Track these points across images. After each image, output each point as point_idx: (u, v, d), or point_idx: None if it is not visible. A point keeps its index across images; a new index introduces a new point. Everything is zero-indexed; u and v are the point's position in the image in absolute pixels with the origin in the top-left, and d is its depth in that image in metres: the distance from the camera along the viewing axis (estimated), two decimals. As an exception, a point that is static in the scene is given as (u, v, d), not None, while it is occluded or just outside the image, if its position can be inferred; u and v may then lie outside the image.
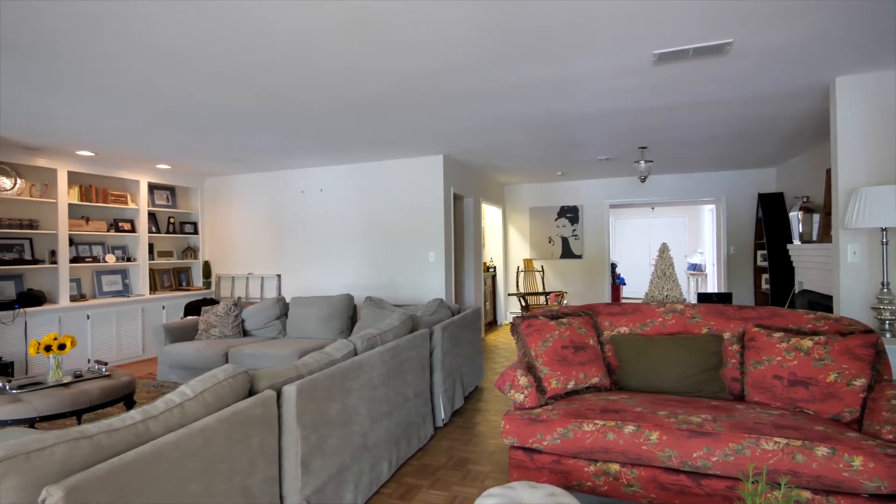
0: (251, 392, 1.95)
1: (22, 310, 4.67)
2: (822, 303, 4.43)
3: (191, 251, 6.88)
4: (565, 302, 7.84)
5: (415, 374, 3.07)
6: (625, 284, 10.21)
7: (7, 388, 2.90)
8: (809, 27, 2.45)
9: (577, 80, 3.15)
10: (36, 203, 5.16)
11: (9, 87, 3.06)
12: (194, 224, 6.87)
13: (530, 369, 2.59)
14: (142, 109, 3.60)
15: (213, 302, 6.16)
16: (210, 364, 4.34)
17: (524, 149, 5.29)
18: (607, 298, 7.75)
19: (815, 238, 4.81)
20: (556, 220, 8.03)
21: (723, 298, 5.02)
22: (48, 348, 3.01)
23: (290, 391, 1.97)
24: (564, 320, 2.78)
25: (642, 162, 5.42)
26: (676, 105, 3.73)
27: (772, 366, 2.40)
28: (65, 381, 3.04)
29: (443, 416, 3.43)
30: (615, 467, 2.17)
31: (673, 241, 11.14)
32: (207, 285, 6.79)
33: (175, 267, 6.73)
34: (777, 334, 2.47)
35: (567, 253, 7.99)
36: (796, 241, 5.00)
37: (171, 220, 6.62)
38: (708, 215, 9.83)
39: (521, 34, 2.46)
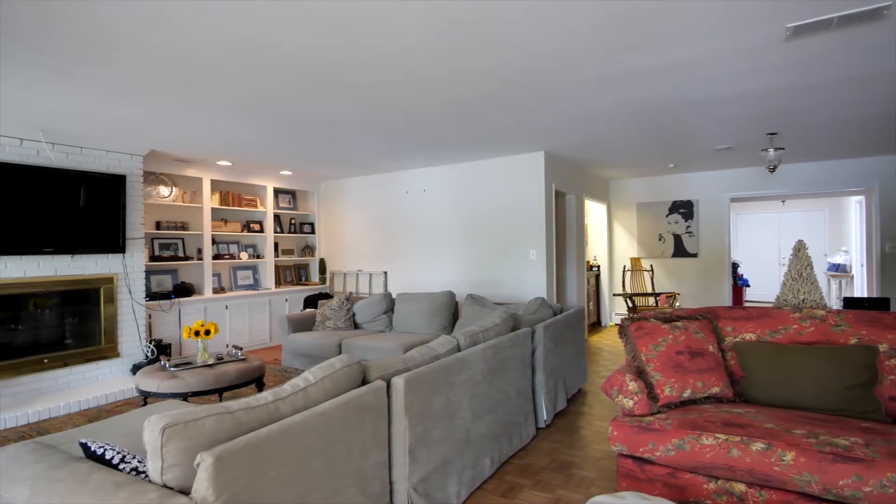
0: (363, 381, 2.08)
1: (177, 300, 5.45)
2: None
3: (308, 249, 7.51)
4: (678, 304, 7.28)
5: (516, 372, 3.06)
6: (748, 286, 9.20)
7: (167, 366, 3.41)
8: None
9: (692, 63, 2.90)
10: (186, 207, 5.99)
11: (166, 109, 3.58)
12: (311, 224, 7.49)
13: (640, 374, 2.45)
14: (269, 123, 4.01)
15: (327, 296, 6.67)
16: (325, 353, 4.70)
17: (632, 141, 5.00)
18: (728, 301, 7.05)
19: None
20: (667, 215, 7.48)
21: (877, 304, 4.31)
22: (197, 333, 3.48)
23: (398, 383, 2.07)
24: (679, 324, 2.58)
25: (771, 150, 4.85)
26: (814, 84, 3.28)
27: (945, 386, 2.02)
28: (210, 363, 3.49)
29: (545, 417, 3.37)
30: (740, 487, 1.97)
31: (810, 238, 9.81)
32: (323, 280, 7.37)
33: (295, 264, 7.39)
34: (953, 349, 2.07)
35: (680, 251, 7.41)
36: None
37: (293, 221, 7.29)
38: (854, 208, 8.50)
39: (632, 17, 2.33)
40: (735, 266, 8.57)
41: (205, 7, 2.12)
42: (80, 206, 4.36)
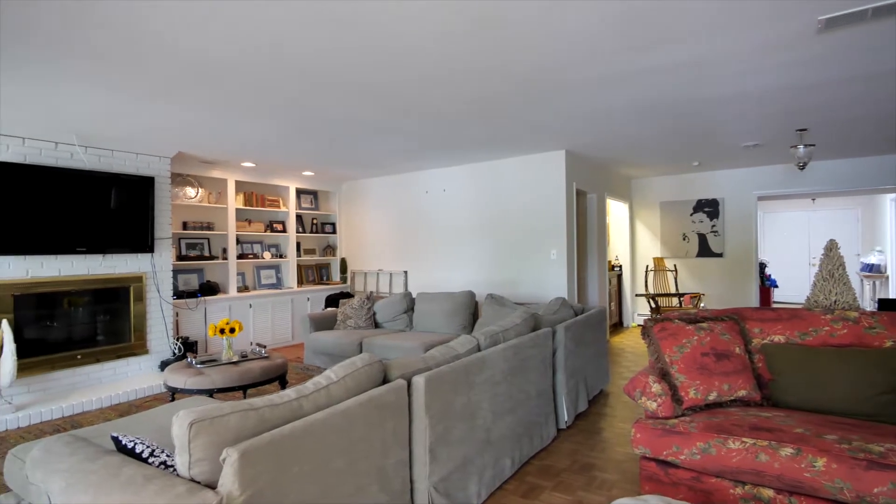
0: (384, 380, 2.10)
1: (202, 298, 5.58)
2: None
3: (330, 249, 7.59)
4: (703, 305, 7.14)
5: (537, 372, 3.04)
6: (776, 287, 8.95)
7: (194, 363, 3.49)
8: None
9: (720, 60, 2.84)
10: (212, 208, 6.12)
11: (192, 112, 3.67)
12: (333, 224, 7.58)
13: (664, 376, 2.41)
14: (291, 124, 4.07)
15: (348, 295, 6.74)
16: (346, 352, 4.75)
17: (655, 140, 4.92)
18: (755, 302, 6.88)
19: None
20: (691, 214, 7.34)
21: (913, 306, 4.15)
22: (222, 331, 3.56)
23: (419, 382, 2.08)
24: (704, 325, 2.53)
25: (801, 146, 4.71)
26: (846, 78, 3.17)
27: None
28: (234, 360, 3.56)
29: (566, 418, 3.35)
30: (768, 493, 1.93)
31: (842, 237, 9.50)
32: (344, 280, 7.44)
33: (317, 263, 7.49)
34: None
35: (705, 251, 7.25)
36: None
37: (314, 221, 7.38)
38: (889, 206, 8.20)
39: (654, 14, 2.29)
40: (762, 266, 8.35)
41: (229, 12, 2.17)
42: (111, 207, 4.49)
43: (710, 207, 7.18)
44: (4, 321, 3.67)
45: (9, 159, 3.96)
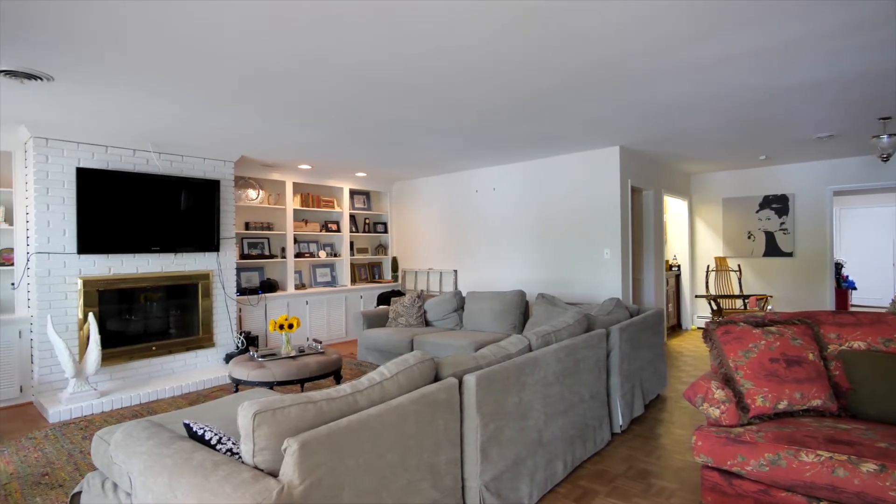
0: (436, 378, 2.12)
1: (263, 295, 5.85)
2: None
3: (382, 248, 7.75)
4: (770, 307, 6.70)
5: (590, 374, 2.97)
6: (855, 289, 8.27)
7: (255, 356, 3.67)
8: None
9: (793, 44, 2.65)
10: (271, 209, 6.41)
11: (255, 119, 3.86)
12: (384, 224, 7.73)
13: (728, 382, 2.29)
14: (346, 127, 4.19)
15: (400, 294, 6.85)
16: (398, 349, 4.84)
17: (716, 133, 4.67)
18: (829, 305, 6.38)
19: None
20: (757, 211, 6.90)
21: None
22: (281, 327, 3.72)
23: (470, 380, 2.08)
24: (773, 329, 2.38)
25: (885, 136, 4.32)
26: (943, 59, 2.88)
27: None
28: (293, 355, 3.71)
29: (620, 423, 3.25)
30: (846, 510, 1.79)
31: (933, 235, 8.63)
32: (395, 278, 7.58)
33: (369, 262, 7.67)
34: None
35: (773, 250, 6.80)
36: None
37: (367, 221, 7.56)
38: None
39: None
40: (839, 266, 7.74)
41: (289, 20, 2.26)
42: (181, 209, 4.80)
43: (778, 204, 6.74)
44: (91, 314, 4.02)
45: (94, 166, 4.32)
